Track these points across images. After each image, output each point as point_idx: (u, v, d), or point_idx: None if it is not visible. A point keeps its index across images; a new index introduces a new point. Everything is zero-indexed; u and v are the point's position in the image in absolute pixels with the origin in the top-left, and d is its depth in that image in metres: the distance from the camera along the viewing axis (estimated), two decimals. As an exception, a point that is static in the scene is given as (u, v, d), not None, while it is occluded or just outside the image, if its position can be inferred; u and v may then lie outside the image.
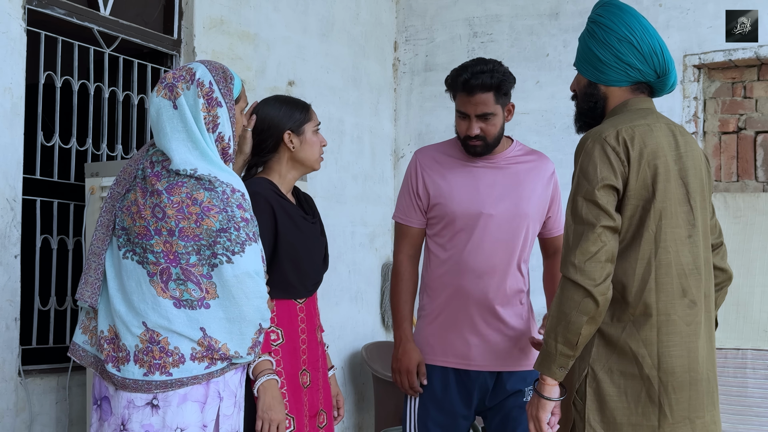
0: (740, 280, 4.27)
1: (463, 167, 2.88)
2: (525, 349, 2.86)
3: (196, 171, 2.26)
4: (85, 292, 2.33)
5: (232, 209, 2.26)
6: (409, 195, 2.94)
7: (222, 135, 2.34)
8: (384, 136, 5.38)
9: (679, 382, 2.14)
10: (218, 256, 2.24)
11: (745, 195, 4.43)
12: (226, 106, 2.34)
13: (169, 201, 2.23)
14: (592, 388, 2.16)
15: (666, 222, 2.16)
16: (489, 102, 2.77)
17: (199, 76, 2.32)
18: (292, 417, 2.58)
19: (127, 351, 2.24)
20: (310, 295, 2.71)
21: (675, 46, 4.64)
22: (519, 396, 2.84)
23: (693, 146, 2.27)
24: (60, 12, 3.47)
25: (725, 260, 2.43)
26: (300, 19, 4.65)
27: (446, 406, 2.85)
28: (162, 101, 2.32)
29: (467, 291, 2.83)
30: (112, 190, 2.38)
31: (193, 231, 2.23)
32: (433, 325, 2.90)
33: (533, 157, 2.95)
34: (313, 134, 2.70)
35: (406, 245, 2.96)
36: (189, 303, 2.24)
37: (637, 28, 2.24)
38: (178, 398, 2.24)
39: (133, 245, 2.27)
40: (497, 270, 2.82)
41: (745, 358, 4.21)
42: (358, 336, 5.02)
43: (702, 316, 2.20)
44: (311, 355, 2.69)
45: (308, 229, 2.69)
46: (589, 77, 2.32)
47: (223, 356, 2.27)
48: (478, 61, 2.81)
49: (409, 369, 2.87)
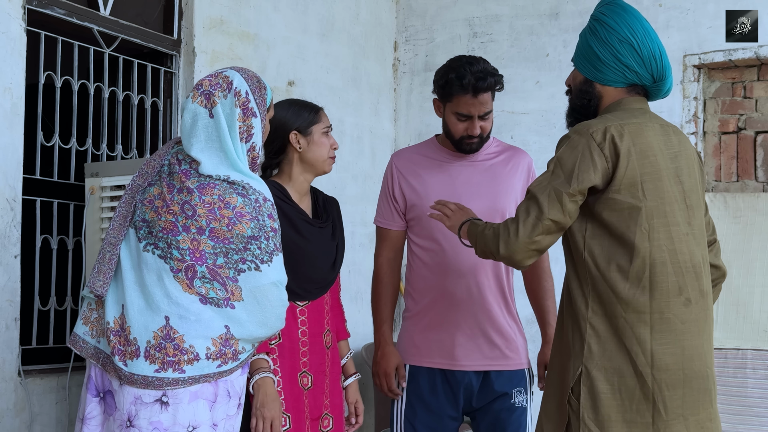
0: (740, 280, 4.27)
1: (439, 167, 2.89)
2: (511, 348, 2.86)
3: (229, 177, 2.27)
4: (97, 281, 2.30)
5: (264, 218, 2.27)
6: (387, 199, 2.96)
7: (254, 145, 2.34)
8: (384, 136, 5.38)
9: (673, 379, 2.14)
10: (247, 263, 2.24)
11: (745, 195, 4.43)
12: (260, 117, 2.34)
13: (201, 200, 2.23)
14: (586, 386, 2.16)
15: (659, 221, 2.16)
16: (489, 101, 2.80)
17: (237, 85, 2.31)
18: (288, 416, 2.58)
19: (137, 346, 2.21)
20: (315, 298, 2.71)
21: (675, 46, 4.64)
22: (506, 399, 2.84)
23: (687, 145, 2.28)
24: (60, 12, 3.46)
25: (719, 257, 2.45)
26: (300, 19, 4.65)
27: (433, 407, 2.85)
28: (198, 108, 2.30)
29: (450, 291, 2.83)
30: (134, 182, 2.36)
31: (224, 234, 2.23)
32: (418, 327, 2.90)
33: (509, 152, 2.95)
34: (322, 135, 2.70)
35: (385, 249, 2.98)
36: (215, 301, 2.24)
37: (639, 30, 2.25)
38: (189, 396, 2.23)
39: (156, 239, 2.26)
40: (479, 268, 2.82)
41: (745, 358, 4.21)
42: (358, 336, 5.01)
43: (699, 314, 2.20)
44: (314, 357, 2.69)
45: (312, 233, 2.69)
46: (586, 74, 2.33)
47: (234, 353, 2.28)
48: (470, 60, 2.80)
49: (387, 372, 2.88)
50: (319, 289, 2.72)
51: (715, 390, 2.25)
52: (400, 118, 5.49)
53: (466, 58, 2.82)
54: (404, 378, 2.88)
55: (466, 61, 2.80)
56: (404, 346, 2.93)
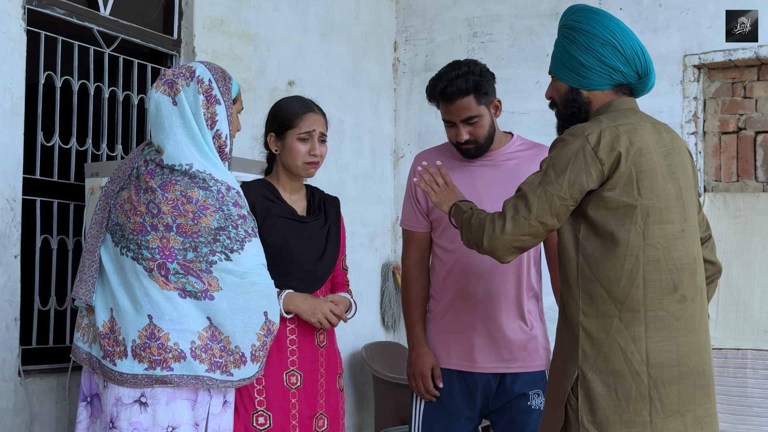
0: (740, 280, 4.27)
1: (461, 167, 2.87)
2: (530, 351, 2.84)
3: (191, 167, 2.29)
4: (80, 290, 2.34)
5: (229, 207, 2.29)
6: (410, 201, 2.95)
7: (219, 132, 2.37)
8: (384, 136, 5.38)
9: (669, 376, 2.15)
10: (217, 254, 2.26)
11: (745, 195, 4.43)
12: (224, 104, 2.37)
13: (164, 197, 2.25)
14: (582, 389, 2.17)
15: (654, 219, 2.17)
16: (471, 106, 2.74)
17: (199, 73, 2.36)
18: (269, 414, 2.58)
19: (125, 346, 2.24)
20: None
21: (675, 46, 4.64)
22: (523, 399, 2.81)
23: (678, 143, 2.29)
24: (60, 12, 3.47)
25: (714, 253, 2.45)
26: (300, 19, 4.65)
27: (450, 408, 2.84)
28: (161, 97, 2.34)
29: (469, 292, 2.82)
30: (107, 188, 2.40)
31: (191, 228, 2.25)
32: (437, 328, 2.89)
33: (533, 150, 2.91)
34: (296, 141, 2.70)
35: (412, 251, 2.96)
36: (194, 294, 2.26)
37: (617, 31, 2.26)
38: (166, 396, 2.24)
39: (128, 241, 2.28)
40: (499, 270, 2.80)
41: (745, 358, 4.21)
42: (358, 336, 5.02)
43: (695, 310, 2.21)
44: (304, 356, 2.69)
45: (295, 228, 2.70)
46: (570, 83, 2.34)
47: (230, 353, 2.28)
48: (452, 66, 2.78)
49: (423, 373, 2.85)
50: (305, 285, 2.71)
51: (713, 386, 2.25)
52: (400, 118, 5.49)
53: (452, 64, 2.80)
54: (440, 378, 2.86)
55: (448, 67, 2.79)
56: None
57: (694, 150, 4.61)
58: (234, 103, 2.44)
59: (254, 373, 2.36)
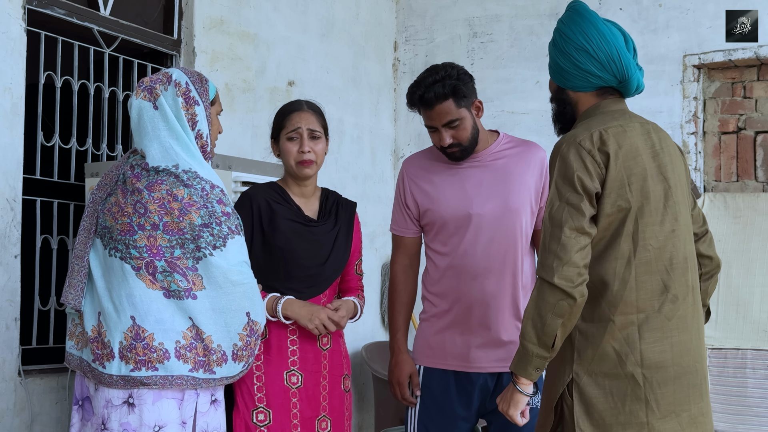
0: (740, 280, 4.27)
1: (449, 170, 2.88)
2: None
3: (177, 166, 2.34)
4: (69, 295, 2.39)
5: (213, 205, 2.33)
6: (400, 206, 2.96)
7: (201, 132, 2.43)
8: (384, 136, 5.38)
9: (663, 376, 2.15)
10: (201, 250, 2.30)
11: (745, 195, 4.43)
12: (203, 105, 2.43)
13: (150, 197, 2.30)
14: (577, 393, 2.17)
15: (644, 220, 2.17)
16: (450, 110, 2.74)
17: (176, 77, 2.42)
18: (269, 411, 2.59)
19: (111, 348, 2.28)
20: (307, 297, 2.71)
21: (675, 46, 4.64)
22: None
23: (668, 142, 2.29)
24: (60, 12, 3.47)
25: (712, 247, 2.45)
26: (300, 19, 4.65)
27: (445, 408, 2.85)
28: (142, 102, 2.40)
29: (465, 293, 2.82)
30: (94, 195, 2.45)
31: (177, 225, 2.29)
32: (433, 329, 2.90)
33: (521, 148, 2.90)
34: (286, 141, 2.72)
35: (401, 255, 2.98)
36: (177, 294, 2.30)
37: (593, 36, 2.25)
38: (152, 395, 2.28)
39: (116, 242, 2.32)
40: (493, 270, 2.81)
41: (745, 358, 4.21)
42: (358, 336, 5.02)
43: (687, 309, 2.21)
44: (305, 357, 2.70)
45: (300, 231, 2.70)
46: (558, 83, 2.37)
47: (207, 363, 2.30)
48: (429, 71, 2.78)
49: (401, 381, 2.89)
50: (309, 288, 2.71)
51: (706, 384, 2.25)
52: (400, 118, 5.49)
53: (429, 69, 2.80)
54: (418, 386, 2.88)
55: (425, 72, 2.79)
56: (419, 348, 2.93)
57: (694, 150, 4.61)
58: (212, 104, 2.50)
59: (237, 372, 2.40)
